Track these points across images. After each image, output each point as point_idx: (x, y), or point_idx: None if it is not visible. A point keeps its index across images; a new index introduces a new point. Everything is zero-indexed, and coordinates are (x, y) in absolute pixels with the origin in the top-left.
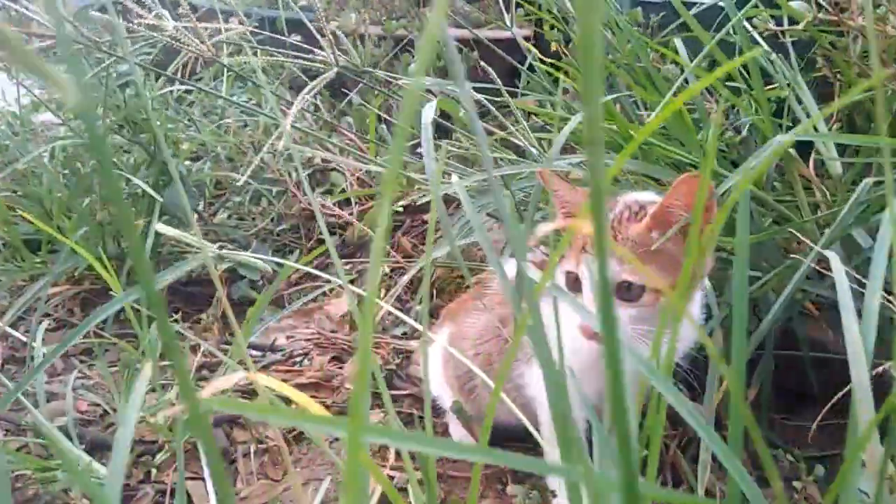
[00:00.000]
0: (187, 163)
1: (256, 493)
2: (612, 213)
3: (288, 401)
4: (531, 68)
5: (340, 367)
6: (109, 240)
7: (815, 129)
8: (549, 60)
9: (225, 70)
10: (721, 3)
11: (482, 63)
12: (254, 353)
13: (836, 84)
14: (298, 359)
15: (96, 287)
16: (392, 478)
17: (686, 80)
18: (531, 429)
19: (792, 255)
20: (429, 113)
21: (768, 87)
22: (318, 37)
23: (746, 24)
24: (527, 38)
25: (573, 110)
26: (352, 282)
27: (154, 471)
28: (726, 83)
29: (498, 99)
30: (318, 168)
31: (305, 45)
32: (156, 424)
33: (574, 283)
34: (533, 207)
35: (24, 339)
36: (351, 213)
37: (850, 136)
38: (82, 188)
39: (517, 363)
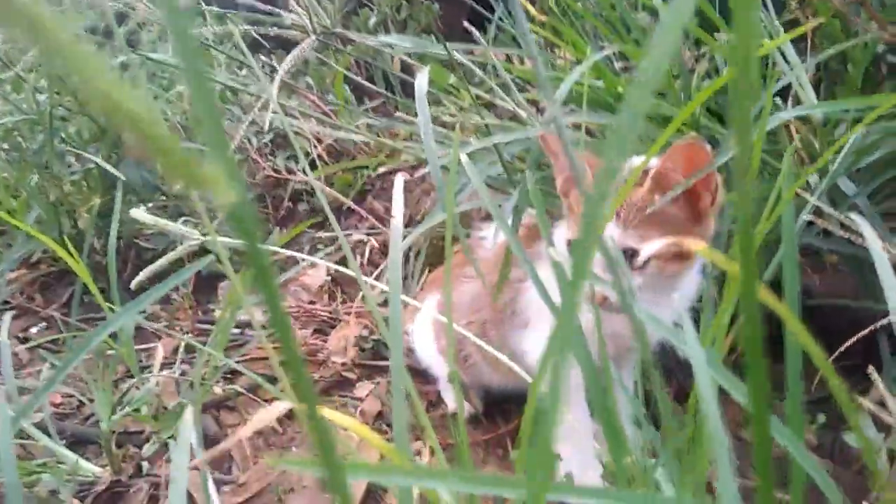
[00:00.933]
0: None
1: (255, 477)
2: None
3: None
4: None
5: (324, 340)
6: (65, 220)
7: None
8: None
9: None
10: None
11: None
12: (232, 331)
13: (809, 29)
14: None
15: (54, 270)
16: None
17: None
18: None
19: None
20: (423, 83)
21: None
22: None
23: None
24: None
25: (556, 66)
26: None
27: (145, 464)
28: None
29: (474, 58)
30: (280, 132)
31: (259, 5)
32: (141, 415)
33: None
34: (532, 169)
35: None
36: (319, 178)
37: (855, 99)
38: (30, 166)
39: (514, 330)
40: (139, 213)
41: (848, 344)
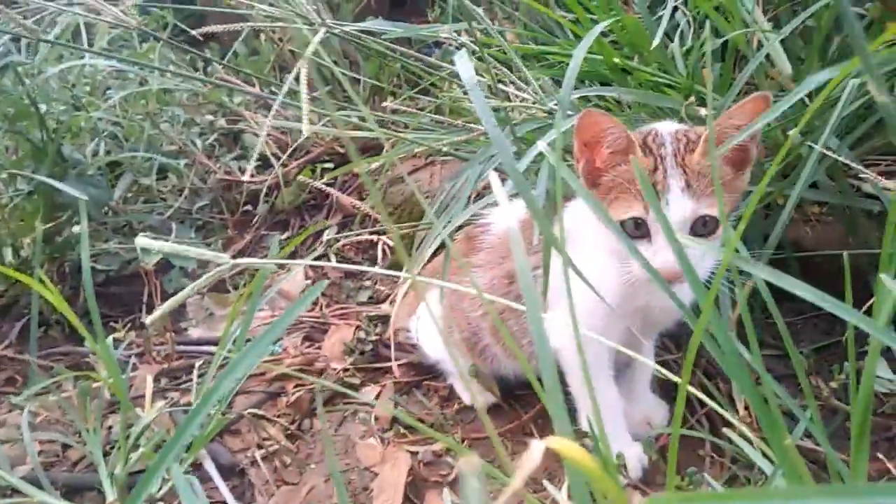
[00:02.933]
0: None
1: (281, 501)
2: (663, 147)
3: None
4: None
5: (318, 348)
6: (5, 249)
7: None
8: None
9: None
10: None
11: None
12: (213, 348)
13: None
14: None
15: None
16: (415, 453)
17: None
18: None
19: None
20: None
21: None
22: None
23: None
24: None
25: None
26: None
27: None
28: None
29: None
30: (223, 132)
31: None
32: (147, 452)
33: (635, 228)
34: (557, 157)
35: None
36: (276, 178)
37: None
38: None
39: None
40: (145, 241)
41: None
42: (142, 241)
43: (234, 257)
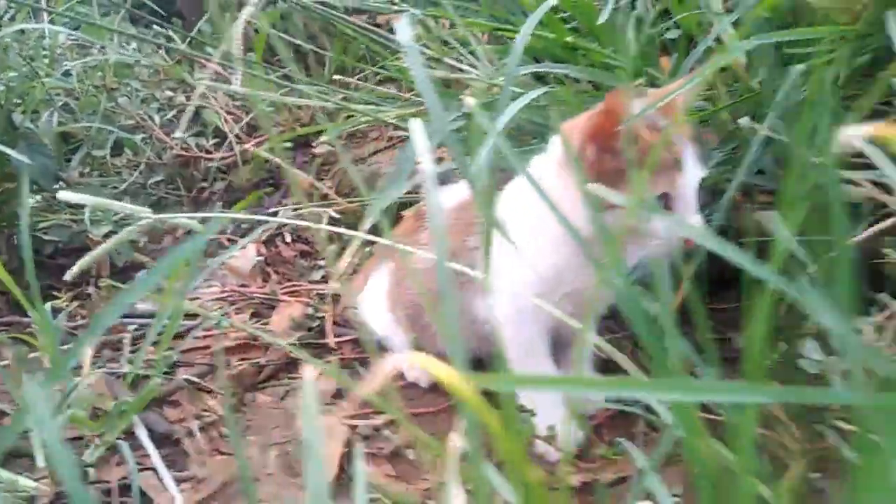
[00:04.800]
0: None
1: (214, 470)
2: (656, 121)
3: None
4: None
5: (265, 323)
6: None
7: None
8: None
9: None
10: None
11: None
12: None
13: None
14: (214, 321)
15: None
16: (354, 427)
17: None
18: None
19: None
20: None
21: None
22: None
23: None
24: None
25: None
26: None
27: (91, 470)
28: None
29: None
30: (183, 107)
31: None
32: (80, 418)
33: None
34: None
35: None
36: (233, 155)
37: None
38: None
39: (473, 294)
40: (67, 195)
41: None
42: (64, 194)
43: (184, 232)
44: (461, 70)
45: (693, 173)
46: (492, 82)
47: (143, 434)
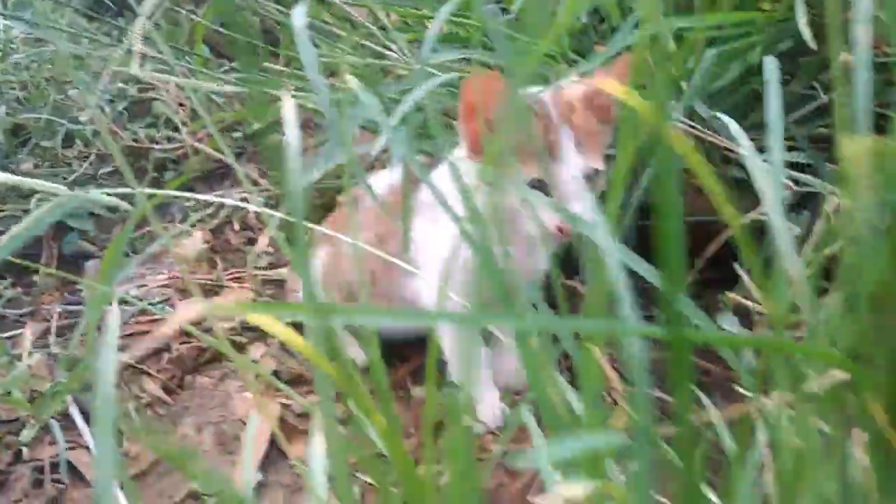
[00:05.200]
0: None
1: (146, 448)
2: (548, 108)
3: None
4: None
5: None
6: None
7: None
8: None
9: None
10: None
11: None
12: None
13: None
14: (159, 307)
15: None
16: (288, 405)
17: None
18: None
19: None
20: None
21: None
22: None
23: None
24: None
25: None
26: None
27: (24, 449)
28: None
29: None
30: (134, 99)
31: None
32: (14, 399)
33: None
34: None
35: None
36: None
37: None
38: None
39: (405, 278)
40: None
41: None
42: None
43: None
44: (384, 56)
45: (572, 163)
46: (412, 67)
47: (76, 413)
